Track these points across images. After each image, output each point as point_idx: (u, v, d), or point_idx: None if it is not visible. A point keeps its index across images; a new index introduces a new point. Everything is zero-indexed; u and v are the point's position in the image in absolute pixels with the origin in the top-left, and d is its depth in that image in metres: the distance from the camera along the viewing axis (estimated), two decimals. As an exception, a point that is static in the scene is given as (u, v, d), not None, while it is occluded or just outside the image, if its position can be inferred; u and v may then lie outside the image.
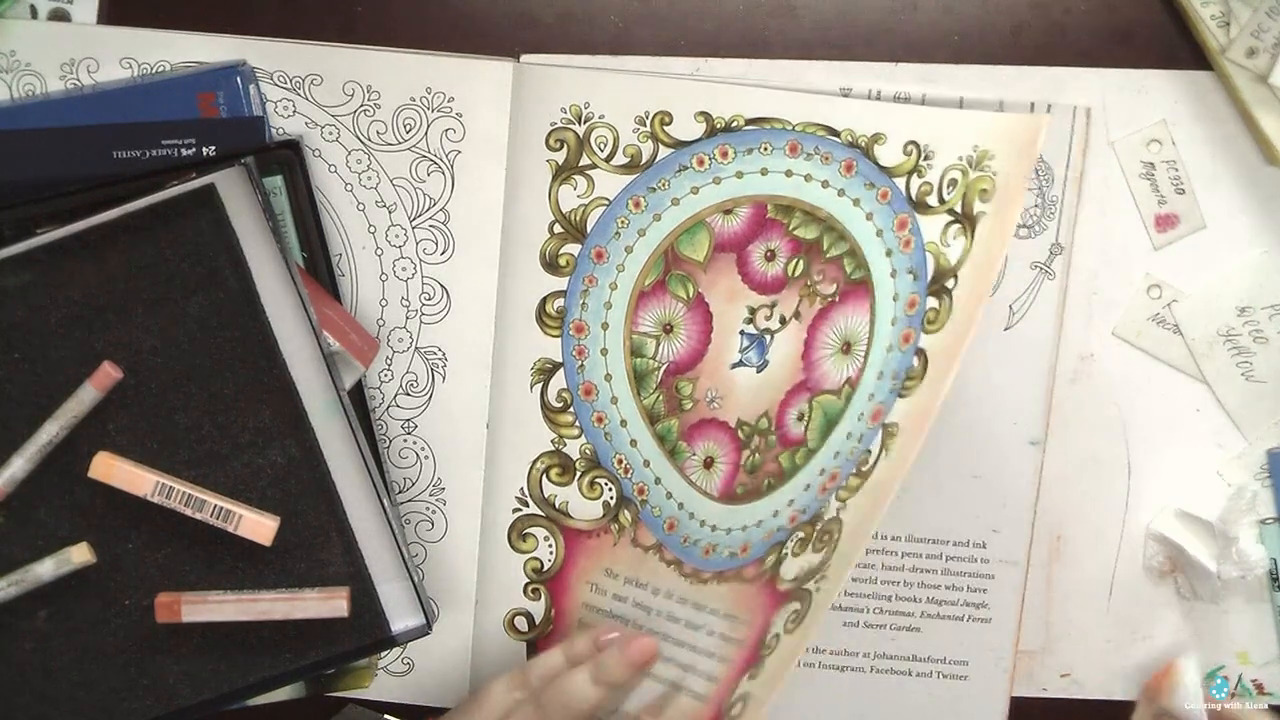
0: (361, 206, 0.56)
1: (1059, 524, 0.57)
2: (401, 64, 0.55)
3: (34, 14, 0.55)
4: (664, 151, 0.54)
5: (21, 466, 0.51)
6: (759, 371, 0.55)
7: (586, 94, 0.54)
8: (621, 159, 0.55)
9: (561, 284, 0.56)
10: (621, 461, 0.57)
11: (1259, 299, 0.56)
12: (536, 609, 0.58)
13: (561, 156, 0.55)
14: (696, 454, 0.56)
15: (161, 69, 0.55)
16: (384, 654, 0.58)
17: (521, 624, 0.58)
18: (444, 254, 0.56)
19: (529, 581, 0.58)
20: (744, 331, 0.55)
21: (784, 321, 0.55)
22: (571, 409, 0.57)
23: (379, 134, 0.55)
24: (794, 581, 0.53)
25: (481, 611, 0.58)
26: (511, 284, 0.56)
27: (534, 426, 0.57)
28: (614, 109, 0.54)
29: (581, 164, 0.55)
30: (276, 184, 0.55)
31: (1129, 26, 0.55)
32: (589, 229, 0.55)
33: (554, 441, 0.57)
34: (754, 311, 0.55)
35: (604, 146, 0.55)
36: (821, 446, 0.54)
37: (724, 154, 0.54)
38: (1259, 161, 0.55)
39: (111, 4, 0.55)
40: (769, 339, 0.55)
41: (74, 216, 0.51)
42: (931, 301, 0.51)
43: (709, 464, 0.56)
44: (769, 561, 0.55)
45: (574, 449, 0.57)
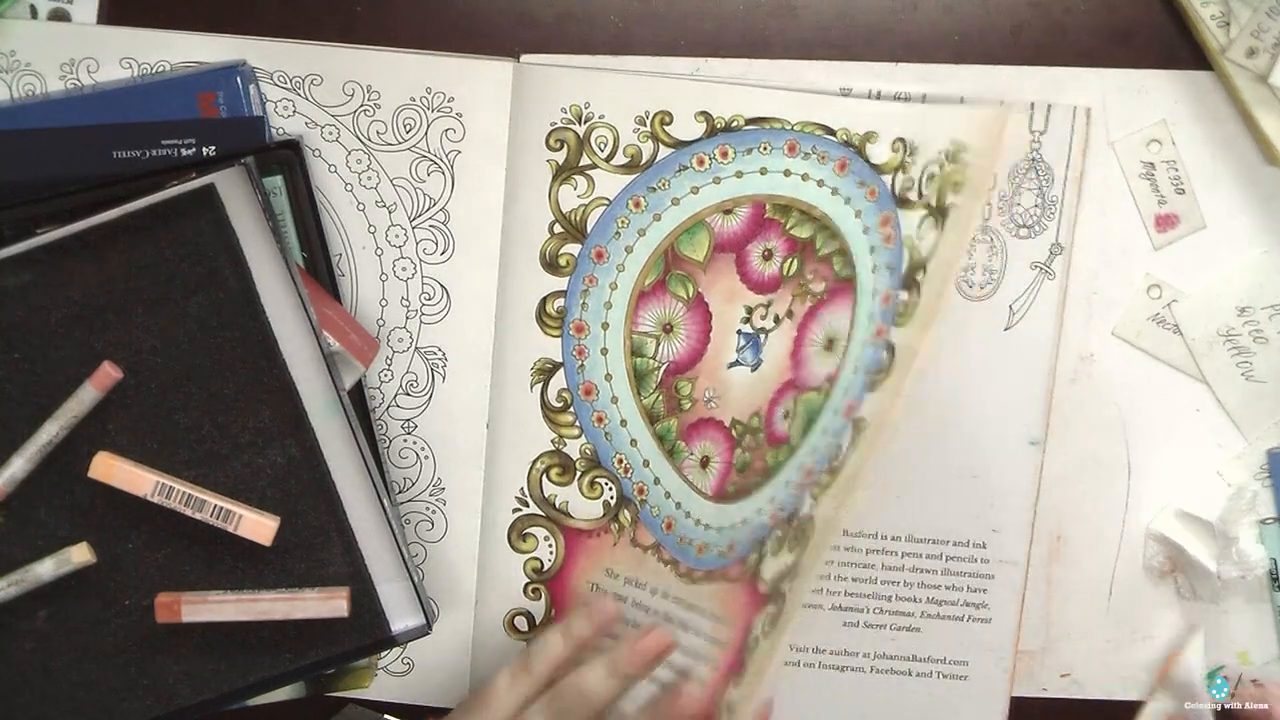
0: (361, 206, 0.56)
1: (1059, 524, 0.57)
2: (401, 64, 0.55)
3: (34, 14, 0.55)
4: (664, 151, 0.54)
5: (21, 466, 0.51)
6: (753, 371, 0.55)
7: (587, 94, 0.54)
8: (622, 159, 0.55)
9: (561, 284, 0.56)
10: (621, 461, 0.57)
11: (1259, 299, 0.56)
12: (537, 609, 0.58)
13: (562, 156, 0.55)
14: (694, 453, 0.56)
15: (161, 69, 0.55)
16: (384, 654, 0.58)
17: (521, 624, 0.58)
18: (444, 254, 0.56)
19: (529, 581, 0.58)
20: (740, 331, 0.55)
21: (777, 321, 0.55)
22: (571, 409, 0.57)
23: (379, 134, 0.55)
24: (772, 582, 0.54)
25: (481, 611, 0.58)
26: (511, 284, 0.56)
27: (534, 426, 0.57)
28: (614, 109, 0.54)
29: (582, 164, 0.55)
30: (276, 184, 0.55)
31: (1129, 26, 0.55)
32: (589, 229, 0.55)
33: (554, 441, 0.57)
34: (751, 311, 0.55)
35: (604, 146, 0.55)
36: (802, 444, 0.55)
37: (724, 154, 0.54)
38: (1259, 161, 0.55)
39: (111, 4, 0.55)
40: (763, 338, 0.55)
41: (74, 216, 0.51)
42: (902, 295, 0.54)
43: (705, 463, 0.56)
44: (750, 560, 0.56)
45: (574, 449, 0.57)
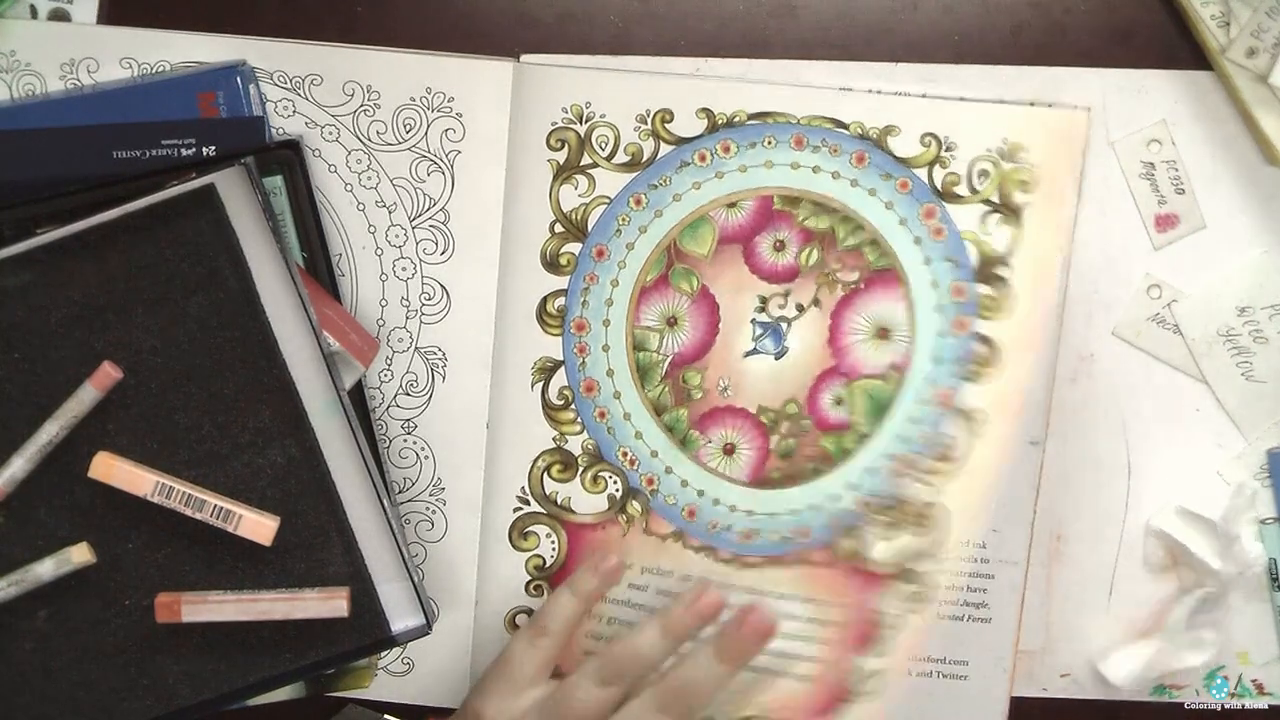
0: (361, 206, 0.56)
1: (1059, 524, 0.57)
2: (401, 64, 0.55)
3: (34, 14, 0.55)
4: (665, 149, 0.54)
5: (21, 466, 0.51)
6: (777, 359, 0.56)
7: (587, 94, 0.54)
8: (623, 157, 0.55)
9: (562, 283, 0.56)
10: (626, 455, 0.57)
11: (1259, 299, 0.56)
12: (539, 606, 0.58)
13: (563, 156, 0.55)
14: (713, 441, 0.56)
15: (161, 69, 0.55)
16: (384, 654, 0.58)
17: (523, 622, 0.58)
18: (444, 254, 0.56)
19: (531, 579, 0.58)
20: (756, 320, 0.56)
21: (801, 309, 0.55)
22: (573, 406, 0.57)
23: (379, 134, 0.55)
24: (890, 564, 0.56)
25: (482, 611, 0.58)
26: (512, 283, 0.56)
27: (534, 425, 0.57)
28: (615, 108, 0.54)
29: (583, 163, 0.55)
30: (276, 184, 0.55)
31: (1129, 26, 0.55)
32: (590, 227, 0.55)
33: (555, 439, 0.57)
34: (766, 300, 0.55)
35: (605, 146, 0.55)
36: (877, 430, 0.56)
37: (726, 149, 0.54)
38: (1259, 161, 0.55)
39: (111, 4, 0.55)
40: (785, 326, 0.55)
41: (74, 216, 0.51)
42: (984, 289, 0.54)
43: (730, 450, 0.56)
44: (845, 546, 0.56)
45: (575, 445, 0.57)
